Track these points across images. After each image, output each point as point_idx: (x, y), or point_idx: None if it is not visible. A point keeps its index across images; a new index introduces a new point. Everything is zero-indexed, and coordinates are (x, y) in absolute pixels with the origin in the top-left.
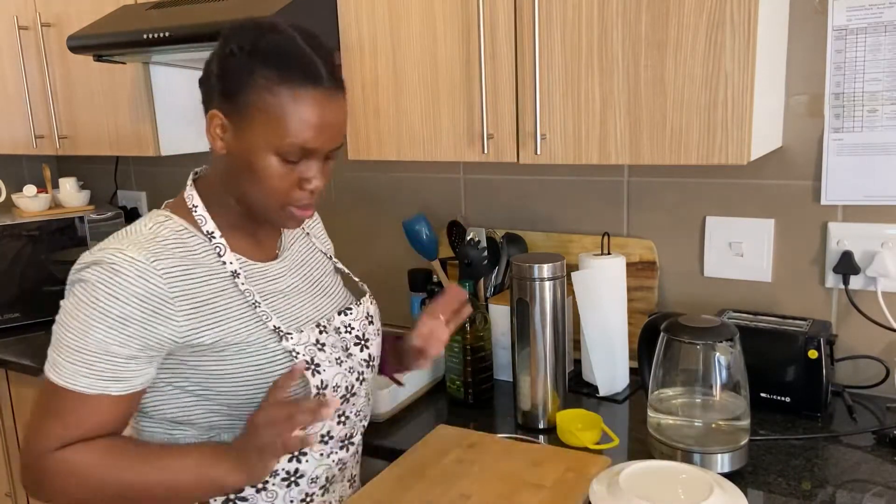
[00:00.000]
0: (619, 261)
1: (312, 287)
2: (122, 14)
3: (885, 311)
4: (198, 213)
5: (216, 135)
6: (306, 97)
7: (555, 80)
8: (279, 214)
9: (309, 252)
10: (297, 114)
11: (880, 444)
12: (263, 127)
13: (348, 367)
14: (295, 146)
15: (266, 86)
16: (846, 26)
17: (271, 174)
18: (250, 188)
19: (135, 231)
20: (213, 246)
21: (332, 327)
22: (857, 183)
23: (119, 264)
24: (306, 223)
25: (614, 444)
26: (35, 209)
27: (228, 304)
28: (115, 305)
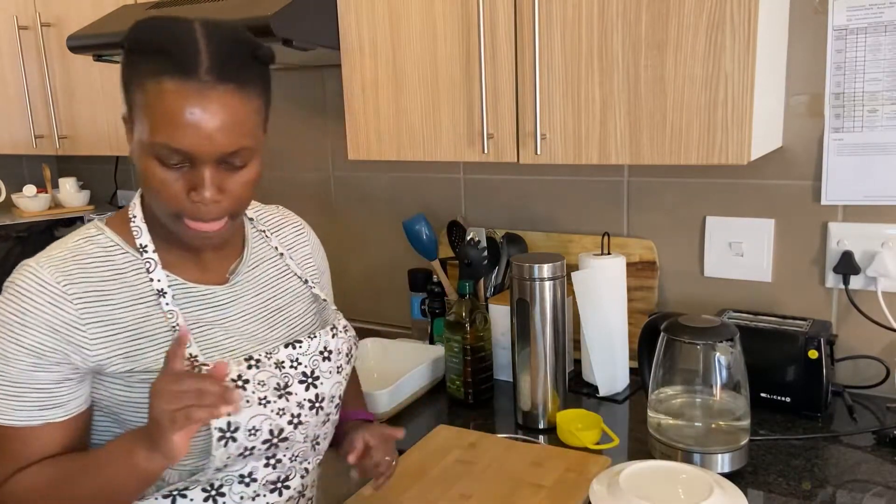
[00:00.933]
0: (619, 261)
1: (268, 316)
2: (122, 14)
3: (885, 311)
4: (135, 223)
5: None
6: (171, 91)
7: (555, 80)
8: (175, 225)
9: (277, 277)
10: (160, 109)
11: (880, 444)
12: (140, 125)
13: (277, 409)
14: (163, 147)
15: (139, 81)
16: (846, 26)
17: (153, 178)
18: (146, 194)
19: (57, 247)
20: (143, 261)
21: (273, 361)
22: (857, 183)
23: (29, 290)
24: (283, 243)
25: (614, 444)
26: (35, 209)
27: (151, 329)
28: (29, 335)
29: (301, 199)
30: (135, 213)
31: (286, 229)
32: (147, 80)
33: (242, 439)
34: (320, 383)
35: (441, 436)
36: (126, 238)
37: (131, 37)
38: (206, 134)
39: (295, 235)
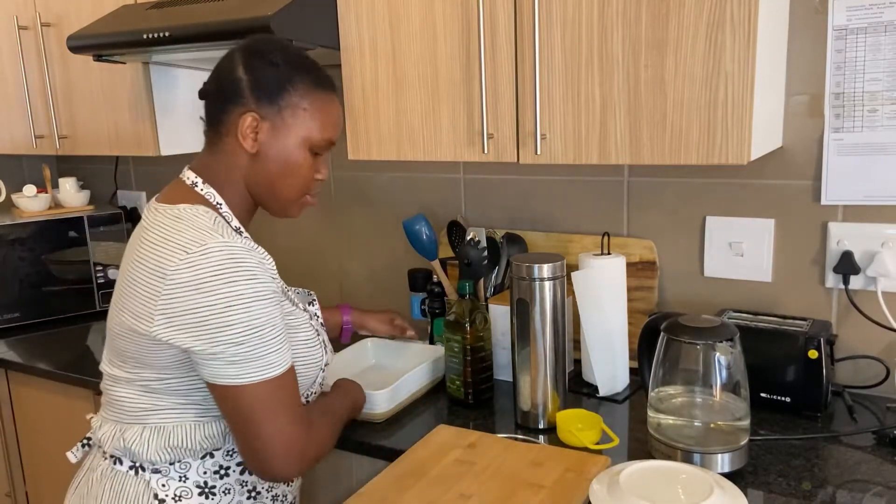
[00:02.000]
0: (619, 261)
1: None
2: (122, 14)
3: (885, 311)
4: (224, 210)
5: (248, 135)
6: (332, 100)
7: (555, 80)
8: (297, 205)
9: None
10: (330, 114)
11: (880, 444)
12: (306, 124)
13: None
14: (327, 141)
15: (304, 89)
16: (846, 26)
17: (304, 165)
18: (282, 180)
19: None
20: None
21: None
22: (857, 183)
23: (243, 256)
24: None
25: (614, 444)
26: (35, 209)
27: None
28: (266, 288)
29: None
30: (219, 201)
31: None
32: (316, 92)
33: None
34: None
35: (441, 436)
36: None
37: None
38: (341, 129)
39: None
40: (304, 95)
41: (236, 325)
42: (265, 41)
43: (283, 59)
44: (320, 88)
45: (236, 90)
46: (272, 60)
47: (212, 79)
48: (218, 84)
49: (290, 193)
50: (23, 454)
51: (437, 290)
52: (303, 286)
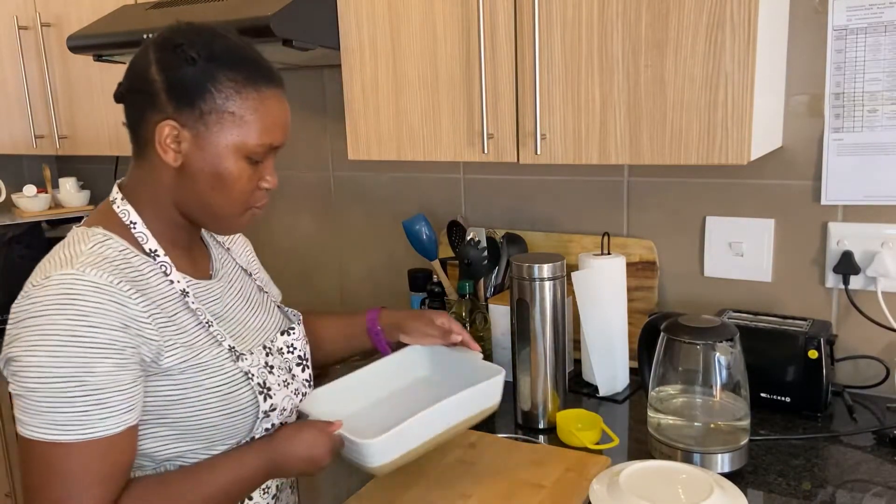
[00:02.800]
0: (619, 261)
1: (246, 305)
2: (122, 14)
3: (885, 311)
4: (137, 230)
5: (168, 146)
6: (271, 97)
7: (555, 80)
8: (239, 220)
9: (234, 269)
10: (266, 114)
11: (880, 444)
12: (234, 130)
13: (294, 389)
14: (265, 146)
15: (234, 88)
16: (846, 26)
17: (239, 176)
18: (214, 195)
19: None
20: (159, 265)
21: (276, 348)
22: (857, 183)
23: (84, 293)
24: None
25: (614, 444)
26: (35, 209)
27: (184, 324)
28: (102, 333)
29: (301, 199)
30: (133, 220)
31: None
32: (245, 88)
33: (274, 418)
34: (309, 363)
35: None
36: (131, 243)
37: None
38: (287, 130)
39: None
40: (230, 96)
41: (32, 367)
42: (183, 31)
43: (203, 52)
44: (251, 85)
45: (150, 94)
46: (189, 56)
47: (125, 78)
48: (131, 85)
49: (228, 209)
50: None
51: (437, 290)
52: (303, 286)
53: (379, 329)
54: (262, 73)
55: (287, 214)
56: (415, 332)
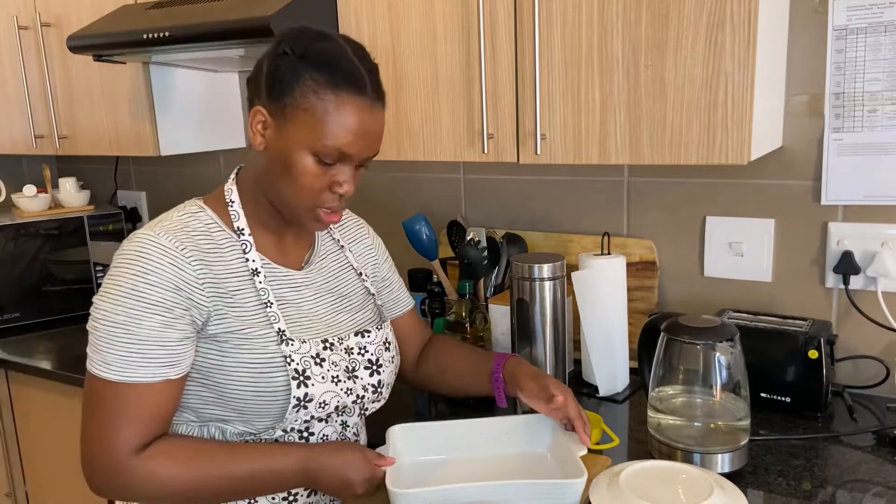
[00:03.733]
0: (619, 261)
1: (335, 303)
2: (122, 14)
3: (885, 311)
4: (233, 208)
5: (257, 130)
6: (349, 103)
7: (555, 80)
8: (307, 215)
9: (340, 268)
10: (338, 118)
11: (880, 444)
12: (305, 126)
13: (346, 388)
14: (332, 149)
15: (313, 88)
16: (846, 26)
17: (305, 172)
18: (284, 185)
19: (166, 219)
20: (241, 243)
21: (344, 346)
22: (857, 183)
23: (151, 253)
24: (345, 237)
25: (614, 444)
26: (35, 209)
27: (244, 300)
28: (155, 292)
29: None
30: (232, 199)
31: (348, 224)
32: (325, 90)
33: (312, 409)
34: (382, 370)
35: None
36: (224, 218)
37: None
38: (368, 142)
39: (356, 230)
40: (308, 94)
41: (100, 309)
42: (299, 30)
43: (297, 50)
44: (333, 88)
45: (257, 81)
46: (287, 50)
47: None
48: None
49: (295, 201)
50: (23, 454)
51: (437, 290)
52: None
53: (500, 378)
54: (347, 80)
55: None
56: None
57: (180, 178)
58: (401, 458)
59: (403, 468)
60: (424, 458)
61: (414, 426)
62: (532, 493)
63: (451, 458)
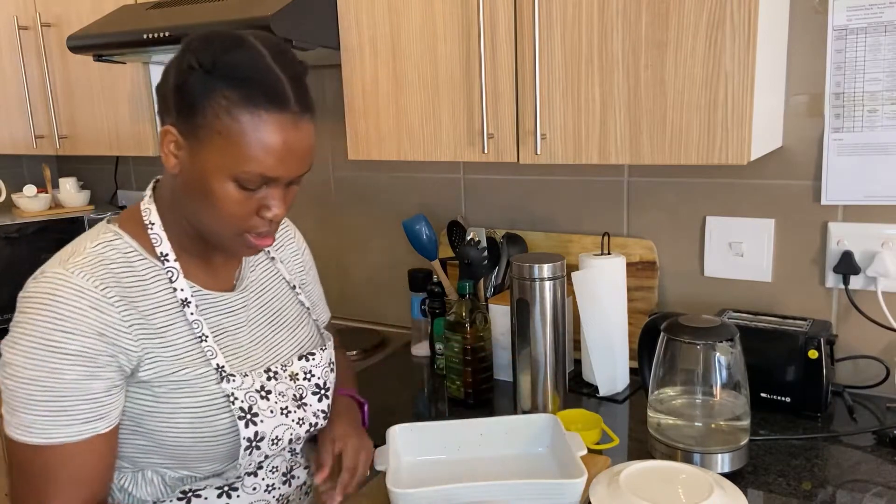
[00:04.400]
0: (619, 261)
1: (272, 322)
2: (122, 14)
3: (885, 311)
4: (153, 231)
5: (170, 151)
6: (268, 122)
7: (555, 80)
8: (234, 242)
9: (271, 280)
10: (258, 140)
11: (880, 444)
12: (220, 150)
13: (297, 419)
14: (253, 174)
15: (226, 107)
16: (846, 26)
17: (227, 200)
18: (205, 212)
19: (78, 251)
20: (166, 270)
21: (288, 373)
22: (857, 183)
23: (65, 296)
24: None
25: (614, 444)
26: (35, 209)
27: (175, 336)
28: (75, 341)
29: (301, 199)
30: (152, 220)
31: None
32: (238, 109)
33: (265, 448)
34: (331, 394)
35: None
36: (144, 244)
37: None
38: (295, 161)
39: (282, 234)
40: (221, 114)
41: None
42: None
43: (205, 62)
44: (248, 106)
45: (164, 95)
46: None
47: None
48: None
49: (219, 229)
50: None
51: (437, 290)
52: None
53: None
54: (265, 94)
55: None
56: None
57: None
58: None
59: (403, 468)
60: (424, 458)
61: (414, 426)
62: (532, 493)
63: (451, 458)
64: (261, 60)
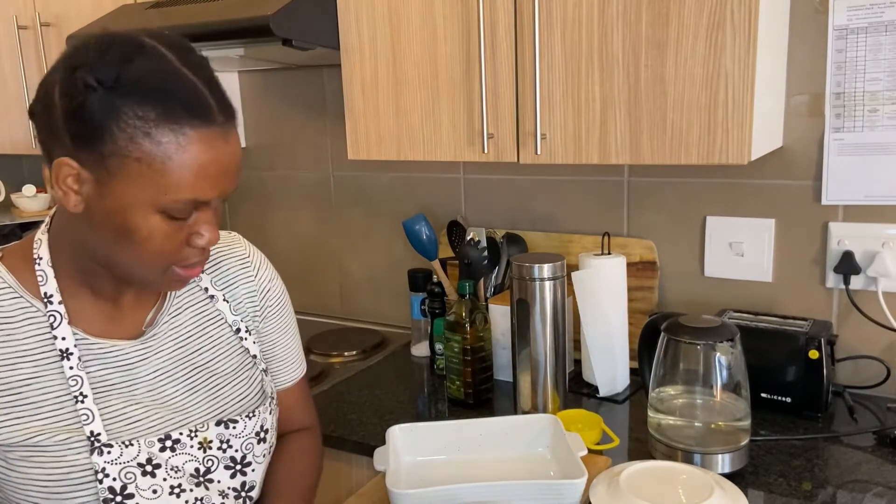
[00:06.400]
0: (619, 261)
1: (190, 377)
2: (122, 14)
3: (885, 311)
4: (39, 267)
5: (68, 188)
6: (196, 139)
7: (555, 80)
8: (161, 280)
9: (205, 325)
10: (186, 162)
11: (881, 445)
12: (141, 180)
13: (194, 499)
14: (185, 201)
15: (142, 128)
16: (846, 26)
17: (153, 235)
18: (122, 252)
19: None
20: (46, 315)
21: (199, 440)
22: (857, 183)
23: None
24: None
25: (614, 444)
26: (35, 209)
27: (41, 392)
28: None
29: (301, 199)
30: (40, 255)
31: (229, 262)
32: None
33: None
34: (251, 470)
35: None
36: (25, 281)
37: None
38: (229, 178)
39: (239, 269)
40: (137, 138)
41: None
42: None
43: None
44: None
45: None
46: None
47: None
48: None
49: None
50: None
51: (437, 290)
52: (303, 286)
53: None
54: (187, 108)
55: (287, 214)
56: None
57: None
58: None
59: (403, 468)
60: (424, 458)
61: (414, 426)
62: (532, 493)
63: (451, 458)
64: (169, 66)
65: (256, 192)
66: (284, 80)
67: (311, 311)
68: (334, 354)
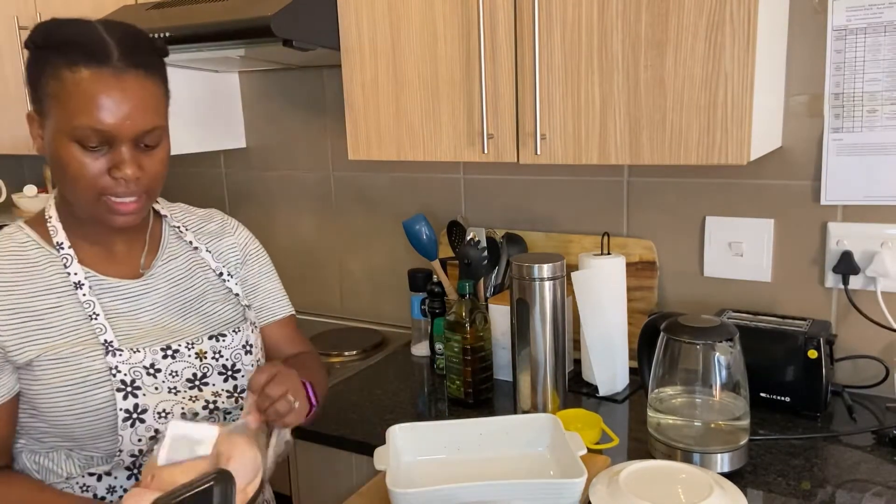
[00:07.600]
0: (619, 261)
1: (184, 307)
2: (122, 14)
3: (884, 311)
4: (51, 223)
5: (36, 135)
6: (89, 77)
7: (555, 80)
8: (97, 208)
9: (191, 270)
10: (80, 94)
11: (880, 444)
12: (55, 113)
13: (190, 396)
14: (84, 128)
15: (53, 73)
16: (846, 26)
17: (72, 161)
18: (63, 184)
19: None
20: (61, 257)
21: (196, 351)
22: (856, 183)
23: None
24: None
25: (614, 444)
26: (35, 209)
27: (63, 318)
28: None
29: (301, 199)
30: (50, 214)
31: (209, 226)
32: (63, 71)
33: (151, 421)
34: (241, 376)
35: None
36: (43, 236)
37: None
38: (124, 113)
39: (218, 229)
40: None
41: None
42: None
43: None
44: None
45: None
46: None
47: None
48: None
49: (77, 194)
50: None
51: (437, 290)
52: (303, 286)
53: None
54: (85, 54)
55: (287, 214)
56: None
57: (180, 178)
58: (401, 458)
59: (403, 468)
60: (424, 458)
61: (414, 426)
62: (532, 493)
63: (451, 457)
64: (88, 29)
65: (257, 192)
66: (284, 80)
67: (311, 310)
68: (334, 354)
